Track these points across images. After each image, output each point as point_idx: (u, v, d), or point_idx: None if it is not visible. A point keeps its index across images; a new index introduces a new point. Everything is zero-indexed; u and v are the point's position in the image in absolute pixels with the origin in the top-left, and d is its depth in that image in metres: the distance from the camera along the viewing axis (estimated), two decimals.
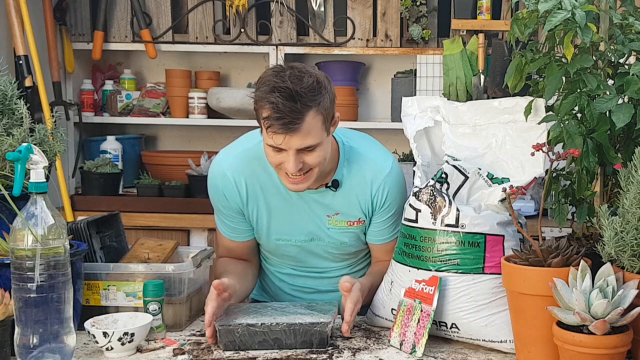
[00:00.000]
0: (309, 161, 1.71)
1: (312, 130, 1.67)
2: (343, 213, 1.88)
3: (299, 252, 1.94)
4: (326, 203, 1.87)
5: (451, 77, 3.34)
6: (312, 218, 1.88)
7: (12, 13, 2.98)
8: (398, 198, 1.88)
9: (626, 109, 1.46)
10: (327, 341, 1.59)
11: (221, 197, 1.88)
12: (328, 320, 1.59)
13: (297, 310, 1.66)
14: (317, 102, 1.66)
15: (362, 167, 1.86)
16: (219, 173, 1.88)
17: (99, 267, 1.74)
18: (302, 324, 1.58)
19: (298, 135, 1.65)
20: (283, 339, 1.58)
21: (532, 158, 1.58)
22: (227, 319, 1.61)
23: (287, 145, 1.67)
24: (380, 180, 1.85)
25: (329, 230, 1.89)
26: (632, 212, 1.36)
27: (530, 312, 1.43)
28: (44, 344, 1.38)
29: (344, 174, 1.86)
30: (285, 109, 1.62)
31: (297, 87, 1.63)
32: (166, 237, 2.90)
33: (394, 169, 1.88)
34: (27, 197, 1.40)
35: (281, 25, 3.44)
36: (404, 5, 3.37)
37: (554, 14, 1.46)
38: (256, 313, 1.65)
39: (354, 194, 1.86)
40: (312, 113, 1.65)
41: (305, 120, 1.65)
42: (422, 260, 1.62)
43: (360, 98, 3.65)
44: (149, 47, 3.43)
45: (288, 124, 1.63)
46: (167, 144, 3.88)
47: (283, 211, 1.88)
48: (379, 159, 1.89)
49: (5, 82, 1.69)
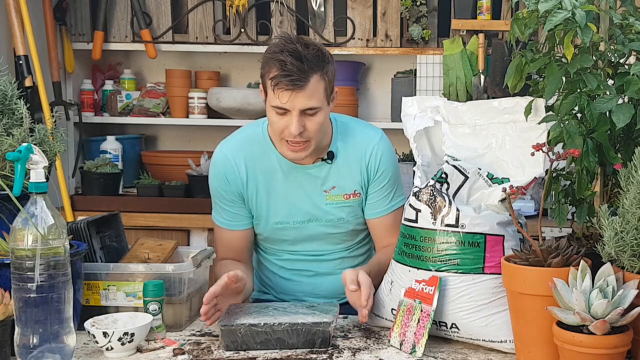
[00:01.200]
0: (310, 127, 1.82)
1: (316, 93, 1.79)
2: (339, 186, 1.96)
3: (297, 236, 1.99)
4: (323, 177, 1.96)
5: (451, 77, 3.34)
6: (309, 196, 1.95)
7: (12, 13, 2.98)
8: (391, 166, 2.00)
9: (626, 109, 1.46)
10: (329, 341, 1.59)
11: (223, 181, 1.96)
12: (330, 320, 1.59)
13: (299, 310, 1.66)
14: (322, 68, 1.80)
15: (354, 138, 1.99)
16: (220, 157, 1.98)
17: (99, 267, 1.74)
18: (304, 324, 1.58)
19: (302, 95, 1.77)
20: (285, 338, 1.58)
21: (532, 158, 1.58)
22: (229, 319, 1.61)
23: (291, 104, 1.78)
24: (372, 147, 1.97)
25: (327, 206, 1.95)
26: (632, 212, 1.36)
27: (530, 312, 1.43)
28: (44, 344, 1.38)
29: (339, 147, 1.97)
30: (293, 68, 1.75)
31: (305, 52, 1.77)
32: (166, 237, 2.90)
33: (383, 137, 2.01)
34: (27, 197, 1.40)
35: (281, 25, 3.44)
36: (404, 5, 3.37)
37: (554, 14, 1.46)
38: (258, 313, 1.65)
39: (348, 165, 1.97)
40: (316, 77, 1.79)
41: (310, 82, 1.78)
42: (422, 260, 1.62)
43: (360, 98, 3.65)
44: (149, 47, 3.43)
45: (295, 80, 1.75)
46: (167, 144, 3.88)
47: (281, 192, 1.95)
48: (369, 129, 2.04)
49: (5, 82, 1.69)
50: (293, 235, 1.99)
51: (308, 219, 1.96)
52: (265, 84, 1.83)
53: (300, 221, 1.97)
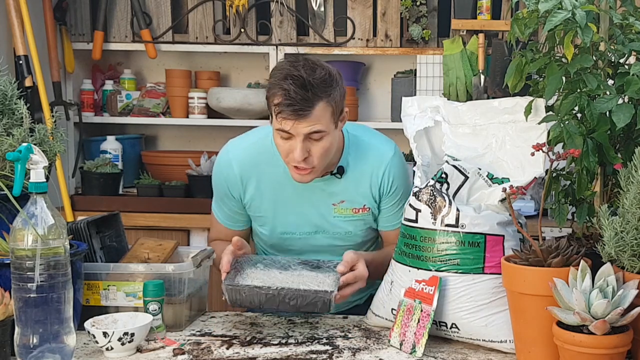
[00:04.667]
0: (314, 152, 1.78)
1: (322, 118, 1.75)
2: (348, 200, 1.93)
3: (303, 246, 1.97)
4: (331, 191, 1.92)
5: (451, 77, 3.34)
6: (317, 208, 1.93)
7: (12, 13, 2.98)
8: (404, 181, 1.97)
9: (626, 109, 1.46)
10: (329, 307, 1.65)
11: (223, 187, 1.96)
12: (331, 289, 1.65)
13: (302, 272, 1.71)
14: (328, 94, 1.74)
15: (366, 154, 1.94)
16: (226, 163, 1.96)
17: (99, 267, 1.74)
18: (306, 290, 1.64)
19: (306, 121, 1.73)
20: (287, 301, 1.64)
21: (532, 158, 1.58)
22: (235, 276, 1.68)
23: (295, 130, 1.74)
24: (384, 165, 1.93)
25: (335, 219, 1.94)
26: (632, 212, 1.36)
27: (530, 312, 1.43)
28: (44, 344, 1.38)
29: (349, 161, 1.93)
30: (297, 97, 1.70)
31: (310, 77, 1.71)
32: (166, 237, 2.89)
33: (396, 154, 1.97)
34: (27, 197, 1.40)
35: (281, 25, 3.44)
36: (404, 5, 3.37)
37: (554, 14, 1.46)
38: (263, 272, 1.70)
39: (359, 180, 1.93)
40: (322, 104, 1.73)
41: (315, 109, 1.72)
42: (422, 260, 1.62)
43: (360, 98, 3.66)
44: (149, 47, 3.43)
45: (298, 110, 1.71)
46: (167, 144, 3.88)
47: (288, 202, 1.93)
48: (382, 145, 1.97)
49: (5, 82, 1.69)
50: (299, 245, 1.98)
51: (315, 231, 1.95)
52: (270, 108, 1.78)
53: (307, 232, 1.96)
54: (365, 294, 2.04)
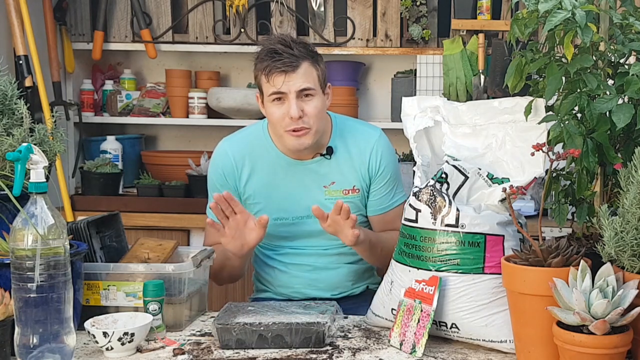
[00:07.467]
0: (308, 111, 1.88)
1: (309, 76, 1.88)
2: (338, 181, 2.01)
3: (296, 231, 2.02)
4: (322, 172, 2.00)
5: (451, 77, 3.34)
6: (309, 191, 2.00)
7: (12, 13, 2.98)
8: (391, 163, 2.06)
9: (626, 109, 1.46)
10: (324, 339, 1.60)
11: (220, 176, 2.02)
12: (325, 321, 1.60)
13: (295, 310, 1.67)
14: (312, 57, 1.90)
15: (354, 135, 2.05)
16: (220, 152, 2.05)
17: (99, 267, 1.74)
18: (299, 324, 1.58)
19: (296, 76, 1.86)
20: (280, 337, 1.58)
21: (532, 158, 1.58)
22: (225, 317, 1.62)
23: (287, 87, 1.85)
24: (372, 145, 2.03)
25: (326, 201, 1.99)
26: (632, 212, 1.36)
27: (530, 312, 1.43)
28: (44, 344, 1.38)
29: (337, 143, 2.02)
30: (284, 53, 1.85)
31: (291, 40, 1.89)
32: (166, 237, 2.89)
33: (382, 135, 2.07)
34: (27, 197, 1.40)
35: (281, 25, 3.44)
36: (404, 5, 3.37)
37: (554, 14, 1.46)
38: (255, 312, 1.66)
39: (347, 160, 2.01)
40: (307, 63, 1.88)
41: (302, 66, 1.87)
42: (422, 260, 1.62)
43: (360, 98, 3.65)
44: (149, 47, 3.43)
45: (287, 63, 1.84)
46: (167, 144, 3.88)
47: (281, 188, 2.00)
48: (368, 127, 2.10)
49: (5, 82, 1.69)
50: (292, 230, 2.03)
51: (307, 215, 1.98)
52: (260, 80, 1.91)
53: (299, 217, 2.01)
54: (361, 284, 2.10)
